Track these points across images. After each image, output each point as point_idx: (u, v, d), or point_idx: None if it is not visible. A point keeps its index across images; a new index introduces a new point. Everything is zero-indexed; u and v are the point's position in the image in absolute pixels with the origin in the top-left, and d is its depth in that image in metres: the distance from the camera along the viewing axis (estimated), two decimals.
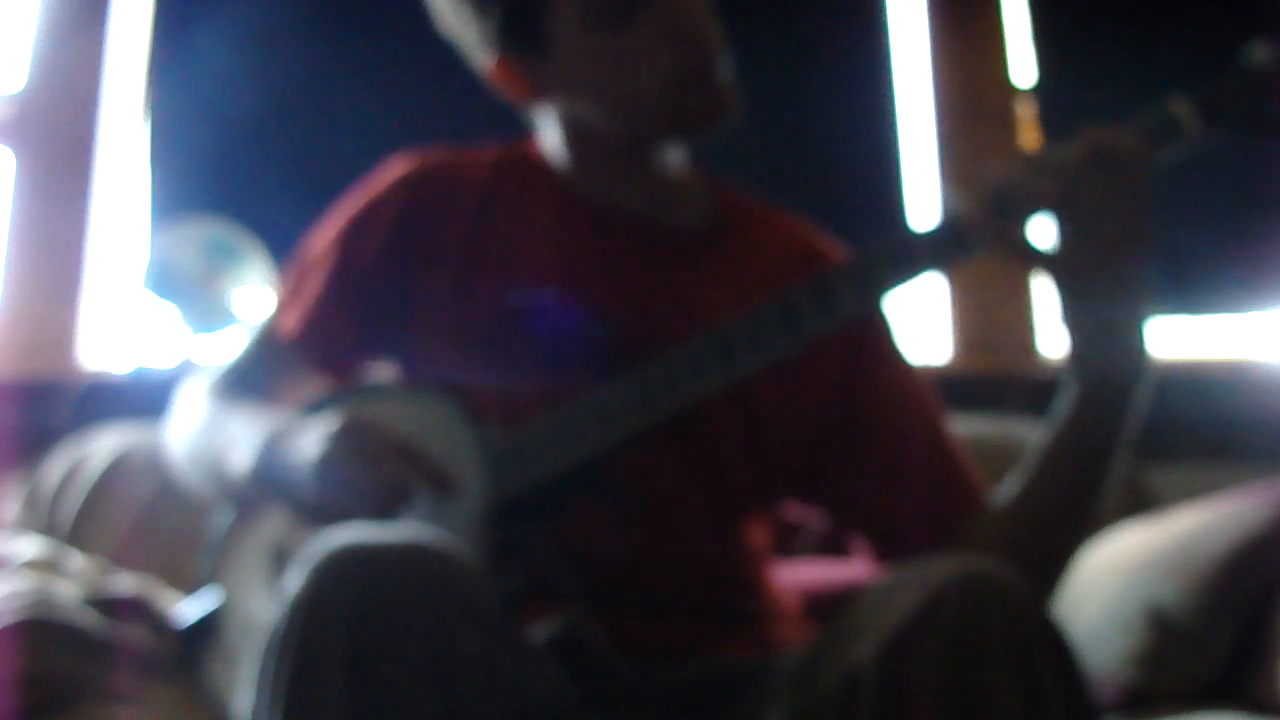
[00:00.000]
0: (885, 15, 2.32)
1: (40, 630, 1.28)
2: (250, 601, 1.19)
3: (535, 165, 1.25)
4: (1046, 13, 2.28)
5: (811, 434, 1.21)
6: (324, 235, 1.27)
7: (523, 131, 1.29)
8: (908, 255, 1.04)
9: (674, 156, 1.23)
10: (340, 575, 0.88)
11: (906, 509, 1.19)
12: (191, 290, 2.01)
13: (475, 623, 0.90)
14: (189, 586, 1.31)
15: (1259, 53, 1.02)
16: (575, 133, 1.23)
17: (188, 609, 1.26)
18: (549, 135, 1.25)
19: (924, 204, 2.27)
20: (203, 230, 2.03)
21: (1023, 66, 2.28)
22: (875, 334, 1.24)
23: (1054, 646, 0.86)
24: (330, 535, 0.92)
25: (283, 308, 1.27)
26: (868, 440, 1.21)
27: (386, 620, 0.86)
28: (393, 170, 1.26)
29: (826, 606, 1.12)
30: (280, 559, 1.16)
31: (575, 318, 1.17)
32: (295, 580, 0.89)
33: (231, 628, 1.21)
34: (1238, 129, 1.02)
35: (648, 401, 1.09)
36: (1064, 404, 1.07)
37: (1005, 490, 1.14)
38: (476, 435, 1.13)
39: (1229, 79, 1.02)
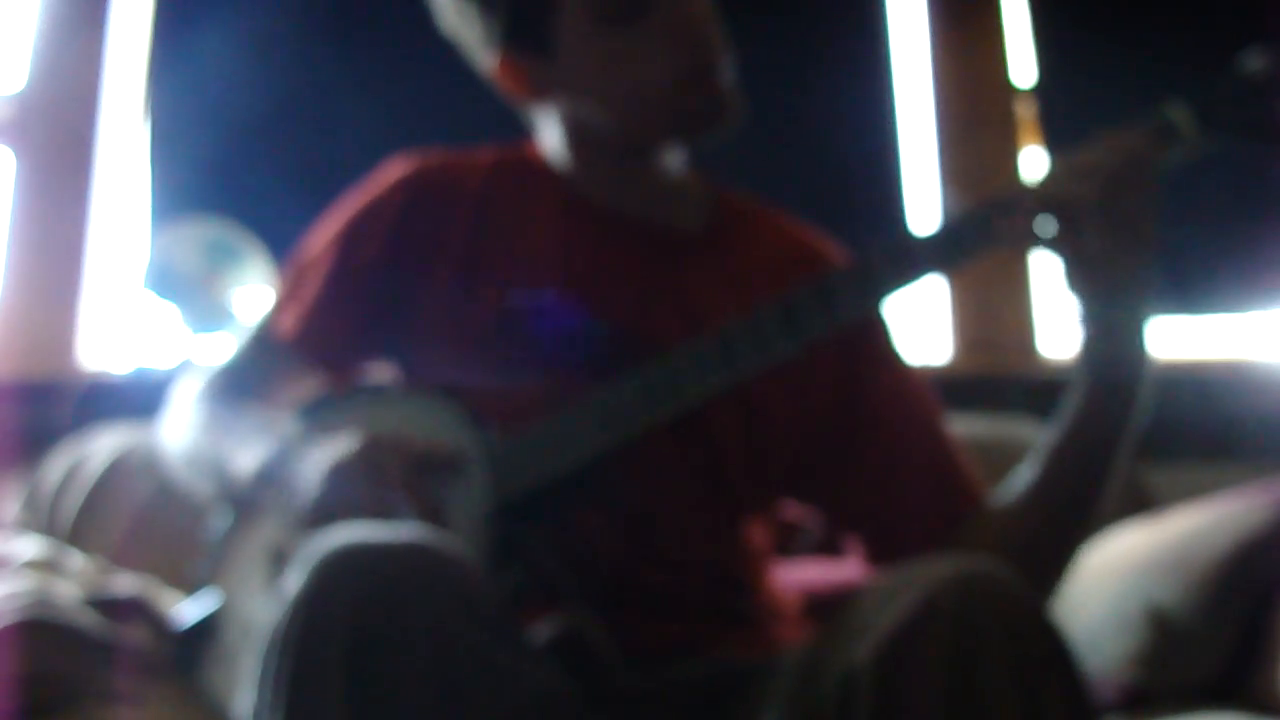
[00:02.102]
0: (885, 15, 2.32)
1: (40, 631, 1.28)
2: (249, 603, 1.19)
3: (535, 167, 1.25)
4: (1046, 13, 2.28)
5: (810, 435, 1.21)
6: (322, 236, 1.27)
7: (524, 132, 1.29)
8: (909, 259, 1.05)
9: (674, 158, 1.23)
10: (340, 574, 0.88)
11: (904, 511, 1.19)
12: (191, 290, 2.01)
13: (476, 621, 0.90)
14: (189, 587, 1.31)
15: (1254, 58, 1.02)
16: (576, 134, 1.22)
17: (188, 610, 1.26)
18: (549, 136, 1.25)
19: (924, 205, 2.27)
20: (203, 230, 2.03)
21: (1023, 66, 2.28)
22: (873, 336, 1.24)
23: (1052, 647, 0.86)
24: (329, 534, 0.92)
25: (279, 308, 1.27)
26: (865, 442, 1.21)
27: (387, 619, 0.86)
28: (392, 172, 1.26)
29: (826, 606, 1.12)
30: (279, 561, 1.16)
31: (575, 319, 1.17)
32: (295, 579, 0.89)
33: (230, 629, 1.21)
34: (1234, 134, 1.02)
35: (649, 404, 1.09)
36: (1070, 402, 1.07)
37: (1010, 488, 1.14)
38: (477, 437, 1.13)
39: (1225, 84, 1.03)
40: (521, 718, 0.91)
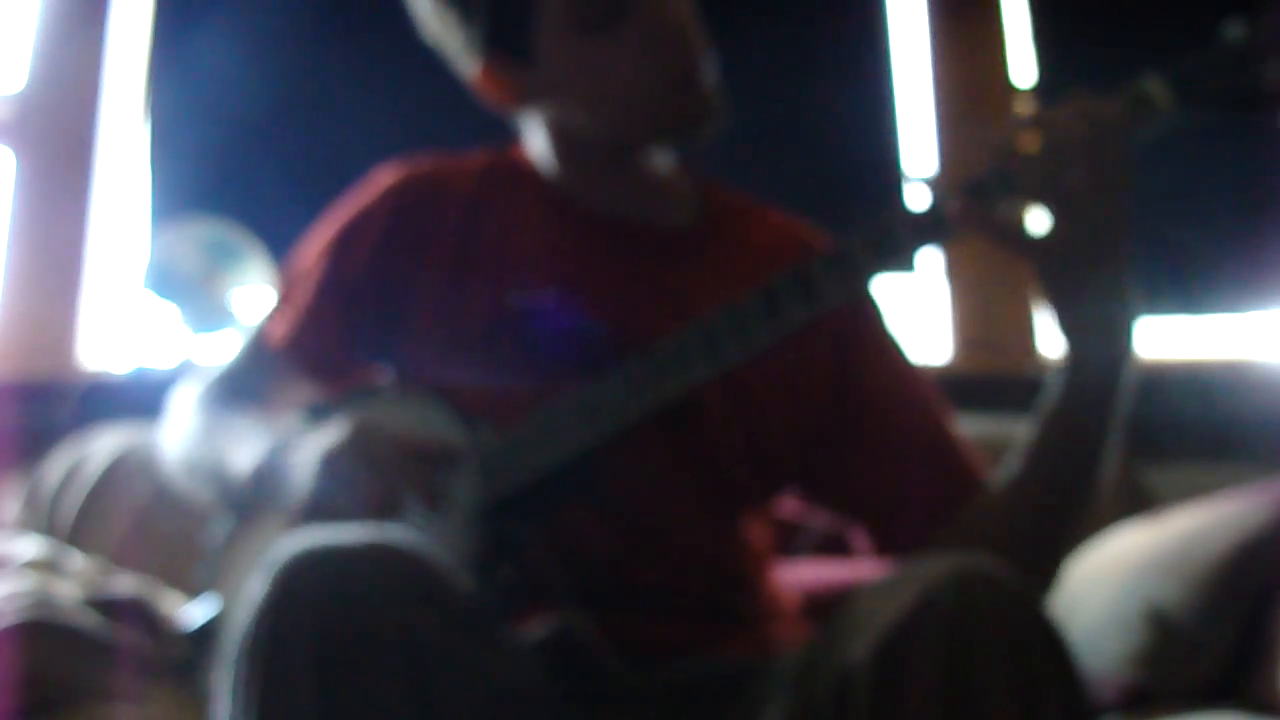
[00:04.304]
0: (885, 15, 2.32)
1: (40, 631, 1.28)
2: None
3: (523, 171, 1.26)
4: (1046, 12, 2.28)
5: (806, 425, 1.21)
6: (313, 245, 1.28)
7: (518, 133, 1.29)
8: (887, 241, 1.04)
9: (660, 157, 1.23)
10: (305, 577, 0.87)
11: (905, 495, 1.18)
12: (191, 290, 2.01)
13: (446, 620, 0.90)
14: (189, 587, 1.31)
15: (1232, 29, 1.01)
16: (562, 138, 1.23)
17: (193, 613, 1.26)
18: (535, 141, 1.25)
19: (918, 195, 2.27)
20: (203, 230, 2.03)
21: (1023, 66, 2.28)
22: (867, 322, 1.24)
23: (1049, 643, 0.86)
24: (292, 538, 0.91)
25: (273, 317, 1.28)
26: (864, 428, 1.21)
27: (354, 621, 0.86)
28: (380, 180, 1.27)
29: (827, 606, 1.12)
30: None
31: (567, 319, 1.17)
32: (259, 584, 0.88)
33: (230, 633, 1.21)
34: (1211, 105, 1.01)
35: (634, 397, 1.09)
36: (1051, 394, 1.07)
37: (998, 478, 1.14)
38: (468, 435, 1.13)
39: (1202, 56, 1.01)
40: (496, 717, 0.91)
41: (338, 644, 0.85)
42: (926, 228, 1.03)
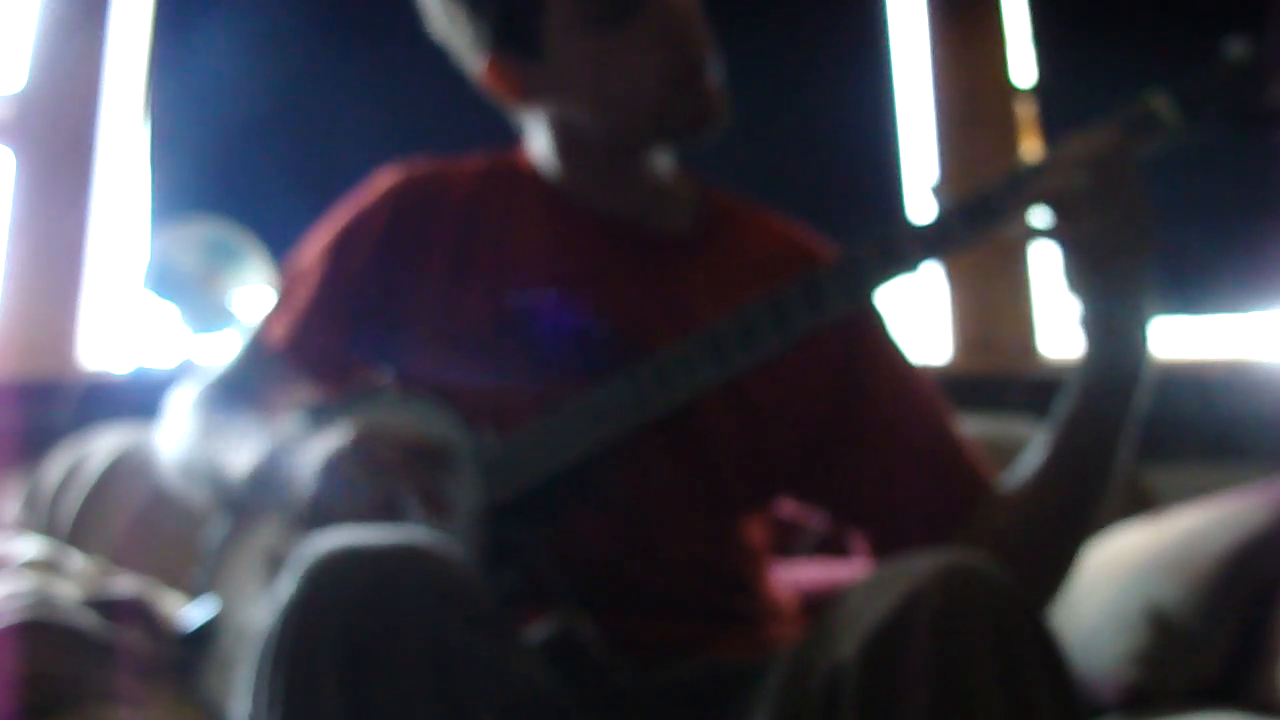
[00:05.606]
0: (885, 15, 2.32)
1: (40, 632, 1.28)
2: (246, 609, 1.19)
3: (524, 173, 1.26)
4: (1046, 13, 2.28)
5: (807, 431, 1.21)
6: (312, 247, 1.28)
7: (520, 131, 1.29)
8: (894, 251, 1.05)
9: (662, 160, 1.23)
10: (334, 577, 0.87)
11: (908, 502, 1.18)
12: (191, 290, 2.01)
13: (471, 622, 0.90)
14: (188, 587, 1.31)
15: (1236, 46, 1.02)
16: (565, 137, 1.23)
17: (190, 615, 1.26)
18: (538, 140, 1.26)
19: (924, 205, 2.27)
20: (203, 230, 2.03)
21: (1023, 66, 2.28)
22: (869, 329, 1.24)
23: (1037, 639, 0.86)
24: (322, 538, 0.91)
25: (272, 318, 1.28)
26: (866, 435, 1.21)
27: (381, 621, 0.86)
28: (379, 183, 1.27)
29: (825, 606, 1.12)
30: (276, 566, 1.16)
31: (567, 320, 1.17)
32: (288, 583, 0.88)
33: (228, 635, 1.21)
34: (1216, 121, 1.02)
35: (638, 402, 1.09)
36: (1067, 399, 1.07)
37: (1010, 482, 1.14)
38: (469, 438, 1.13)
39: (1206, 72, 1.03)
40: (517, 716, 0.91)
41: (365, 644, 0.86)
42: (933, 239, 1.04)
